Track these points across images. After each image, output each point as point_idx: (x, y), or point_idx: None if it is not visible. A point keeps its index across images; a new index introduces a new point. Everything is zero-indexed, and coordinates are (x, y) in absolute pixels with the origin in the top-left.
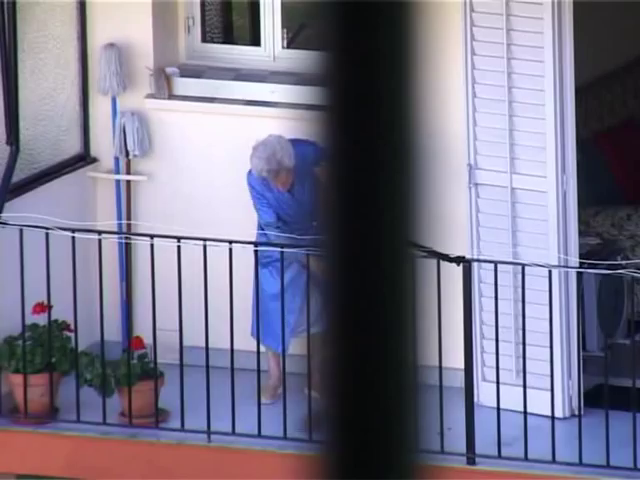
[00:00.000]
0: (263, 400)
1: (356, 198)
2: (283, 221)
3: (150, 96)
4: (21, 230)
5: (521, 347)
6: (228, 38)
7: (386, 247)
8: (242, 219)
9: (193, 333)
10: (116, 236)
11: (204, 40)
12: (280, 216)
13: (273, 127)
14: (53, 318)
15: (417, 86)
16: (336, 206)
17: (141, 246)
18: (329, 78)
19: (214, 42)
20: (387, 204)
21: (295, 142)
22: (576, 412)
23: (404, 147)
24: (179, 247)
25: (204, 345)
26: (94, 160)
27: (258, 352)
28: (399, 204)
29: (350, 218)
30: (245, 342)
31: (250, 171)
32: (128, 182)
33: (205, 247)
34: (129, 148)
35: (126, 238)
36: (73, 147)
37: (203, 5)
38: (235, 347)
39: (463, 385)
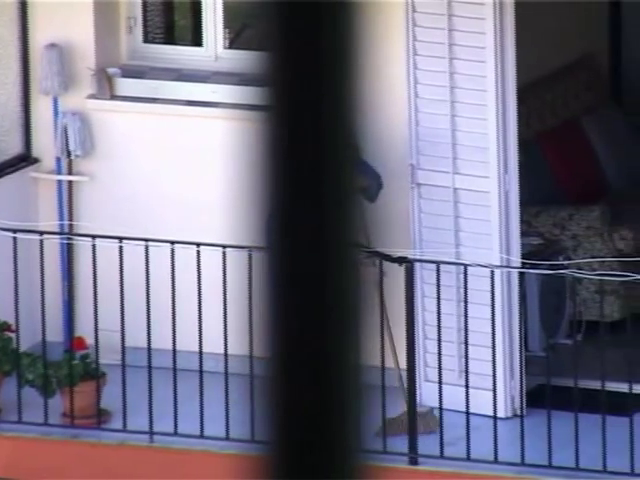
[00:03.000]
0: None
1: (298, 199)
2: None
3: (92, 96)
4: None
5: (463, 347)
6: (170, 38)
7: (329, 248)
8: (184, 219)
9: (135, 333)
10: (58, 236)
11: (146, 40)
12: None
13: (215, 127)
14: None
15: (359, 86)
16: (278, 206)
17: (83, 246)
18: (271, 78)
19: (156, 42)
20: (330, 205)
21: None
22: (518, 412)
23: (346, 147)
24: (121, 247)
25: (146, 345)
26: (36, 160)
27: (200, 352)
28: (342, 204)
29: (292, 219)
30: (187, 342)
31: None
32: (70, 182)
33: (147, 247)
34: (71, 148)
35: (68, 238)
36: (14, 147)
37: (145, 5)
38: (177, 348)
39: (406, 385)
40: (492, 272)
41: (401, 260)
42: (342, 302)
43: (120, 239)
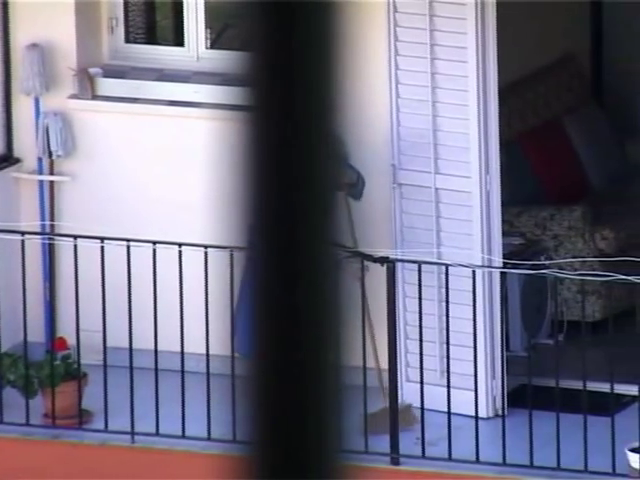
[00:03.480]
0: None
1: (279, 199)
2: None
3: (73, 96)
4: None
5: (445, 347)
6: (151, 38)
7: (310, 247)
8: (166, 219)
9: (117, 334)
10: (39, 237)
11: (127, 40)
12: None
13: (197, 127)
14: None
15: (340, 86)
16: (259, 207)
17: (64, 247)
18: (253, 78)
19: (137, 42)
20: (310, 204)
21: None
22: (500, 412)
23: (327, 147)
24: (102, 247)
25: (128, 346)
26: (17, 160)
27: (182, 353)
28: (322, 204)
29: (273, 219)
30: (169, 343)
31: None
32: (51, 182)
33: (129, 248)
34: (52, 148)
35: (49, 239)
36: None
37: (126, 5)
38: (159, 348)
39: (387, 385)
40: (473, 272)
41: (383, 260)
42: (322, 301)
43: (102, 239)
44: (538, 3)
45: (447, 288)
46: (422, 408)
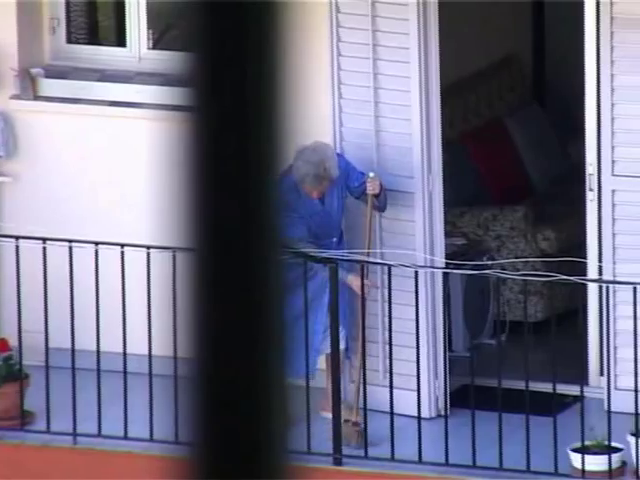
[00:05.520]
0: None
1: (224, 201)
2: (314, 235)
3: (15, 97)
4: None
5: (388, 347)
6: (93, 39)
7: (254, 248)
8: (108, 220)
9: (59, 335)
10: None
11: (69, 41)
12: (311, 229)
13: (139, 128)
14: None
15: (283, 87)
16: (204, 209)
17: (6, 248)
18: (194, 79)
19: (79, 43)
20: (255, 207)
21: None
22: (442, 412)
23: (271, 148)
24: (44, 249)
25: (70, 347)
26: None
27: (124, 354)
28: (267, 206)
29: (218, 221)
30: (111, 344)
31: (285, 178)
32: None
33: (71, 249)
34: None
35: None
36: None
37: (68, 6)
38: (101, 349)
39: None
40: (416, 273)
41: (326, 261)
42: (266, 301)
43: (44, 240)
44: (480, 4)
45: (390, 288)
46: (365, 408)
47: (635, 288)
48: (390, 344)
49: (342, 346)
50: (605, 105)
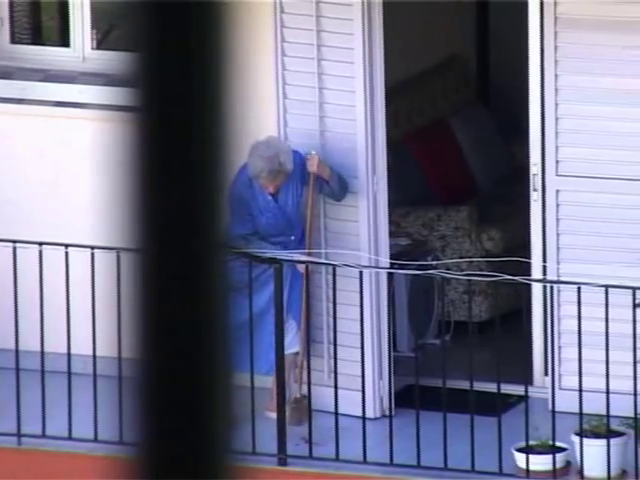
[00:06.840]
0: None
1: (167, 201)
2: (258, 234)
3: None
4: None
5: (332, 348)
6: (37, 39)
7: (198, 249)
8: (52, 220)
9: (3, 335)
10: None
11: (13, 41)
12: (258, 228)
13: (83, 128)
14: None
15: (228, 87)
16: (147, 208)
17: None
18: (139, 79)
19: (23, 43)
20: (199, 207)
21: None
22: (387, 412)
23: (215, 148)
24: None
25: (14, 347)
26: None
27: (69, 354)
28: (211, 206)
29: (161, 221)
30: (56, 344)
31: (240, 174)
32: None
33: (15, 249)
34: None
35: None
36: None
37: (12, 5)
38: (45, 349)
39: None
40: (361, 273)
41: (271, 261)
42: (209, 301)
43: None
44: (424, 4)
45: (334, 288)
46: (309, 409)
47: (579, 288)
48: (335, 344)
49: (296, 349)
50: (549, 105)
